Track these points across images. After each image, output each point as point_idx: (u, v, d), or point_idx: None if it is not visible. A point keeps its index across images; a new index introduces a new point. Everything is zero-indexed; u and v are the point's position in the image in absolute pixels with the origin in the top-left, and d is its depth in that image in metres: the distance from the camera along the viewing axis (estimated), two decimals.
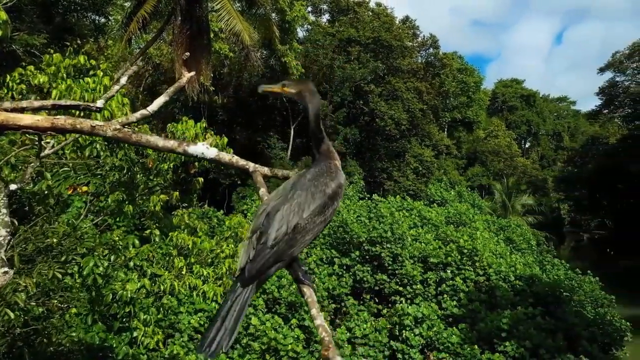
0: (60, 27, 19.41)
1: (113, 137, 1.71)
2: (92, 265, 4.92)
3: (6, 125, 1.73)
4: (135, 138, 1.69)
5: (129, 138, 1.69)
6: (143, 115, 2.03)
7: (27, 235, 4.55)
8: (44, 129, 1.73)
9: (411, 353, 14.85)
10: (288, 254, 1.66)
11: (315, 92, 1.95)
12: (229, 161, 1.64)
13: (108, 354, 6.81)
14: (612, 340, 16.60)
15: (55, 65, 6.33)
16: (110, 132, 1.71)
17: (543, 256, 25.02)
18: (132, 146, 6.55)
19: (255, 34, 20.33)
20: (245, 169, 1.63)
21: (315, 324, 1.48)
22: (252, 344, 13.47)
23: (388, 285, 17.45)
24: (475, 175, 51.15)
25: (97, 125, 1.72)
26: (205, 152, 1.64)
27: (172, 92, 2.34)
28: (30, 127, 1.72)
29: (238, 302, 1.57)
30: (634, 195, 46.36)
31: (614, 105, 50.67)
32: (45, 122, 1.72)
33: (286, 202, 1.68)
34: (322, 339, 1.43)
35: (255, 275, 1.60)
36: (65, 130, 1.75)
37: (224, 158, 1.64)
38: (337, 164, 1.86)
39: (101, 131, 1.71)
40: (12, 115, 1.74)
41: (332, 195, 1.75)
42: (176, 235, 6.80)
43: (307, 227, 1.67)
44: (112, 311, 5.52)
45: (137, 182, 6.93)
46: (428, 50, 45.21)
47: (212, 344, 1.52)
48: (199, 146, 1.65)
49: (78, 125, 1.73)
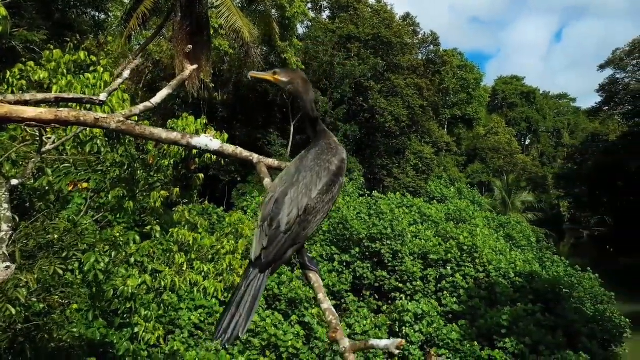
0: (59, 23, 19.37)
1: (117, 129, 1.71)
2: (93, 261, 4.93)
3: (10, 118, 1.72)
4: (138, 130, 1.68)
5: (132, 130, 1.69)
6: (146, 108, 2.03)
7: (28, 231, 4.55)
8: (47, 122, 1.73)
9: (411, 349, 14.87)
10: (302, 236, 1.66)
11: (307, 80, 1.94)
12: (233, 152, 1.64)
13: (109, 350, 6.82)
14: (611, 337, 16.62)
15: (55, 61, 6.33)
16: (114, 124, 1.70)
17: (543, 253, 25.06)
18: (133, 142, 6.56)
19: (256, 31, 20.29)
20: (249, 160, 1.63)
21: (323, 308, 1.49)
22: (252, 340, 13.48)
23: (388, 281, 17.46)
24: (475, 172, 51.16)
25: (101, 118, 1.71)
26: (209, 143, 1.64)
27: (175, 85, 2.34)
28: (34, 120, 1.72)
29: (252, 288, 1.57)
30: (634, 193, 46.37)
31: (614, 102, 50.61)
32: (49, 114, 1.72)
33: (293, 186, 1.68)
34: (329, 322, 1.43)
35: (271, 261, 1.61)
36: (68, 123, 1.74)
37: (228, 149, 1.64)
38: (335, 140, 1.87)
39: (105, 123, 1.71)
40: (15, 107, 1.74)
41: (336, 171, 1.76)
42: (177, 231, 6.80)
43: (317, 207, 1.67)
44: (113, 307, 5.53)
45: (138, 178, 6.93)
46: (428, 47, 45.16)
47: (227, 331, 1.51)
48: (203, 138, 1.65)
49: (82, 117, 1.72)
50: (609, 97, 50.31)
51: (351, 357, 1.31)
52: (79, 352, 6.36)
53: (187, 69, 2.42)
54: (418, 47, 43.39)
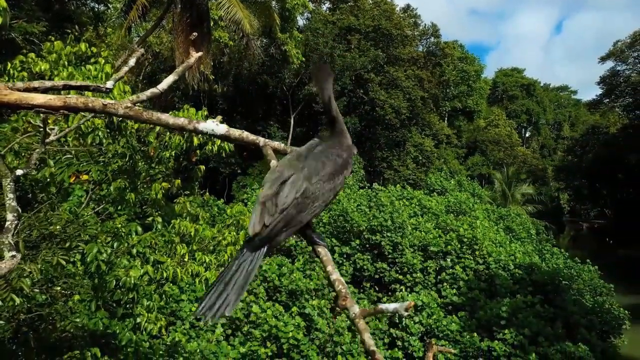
0: (59, 15, 19.27)
1: (124, 115, 1.73)
2: (96, 252, 4.96)
3: (19, 105, 1.74)
4: (146, 116, 1.70)
5: (140, 116, 1.71)
6: (153, 94, 2.04)
7: (31, 221, 4.57)
8: (56, 108, 1.75)
9: (411, 340, 14.97)
10: (297, 219, 1.63)
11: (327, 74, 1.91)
12: (239, 136, 1.65)
13: (111, 340, 6.86)
14: (610, 329, 16.72)
15: (56, 52, 6.33)
16: (122, 110, 1.72)
17: (542, 245, 25.14)
18: (134, 134, 6.57)
19: (256, 22, 20.22)
20: (256, 143, 1.64)
21: (332, 279, 1.50)
22: (253, 331, 13.56)
23: (388, 273, 17.53)
24: (475, 164, 51.17)
25: (109, 104, 1.73)
26: (215, 128, 1.66)
27: (180, 72, 2.36)
28: (43, 106, 1.74)
29: (244, 267, 1.53)
30: (633, 185, 46.41)
31: (615, 94, 50.50)
32: (58, 101, 1.74)
33: (297, 170, 1.68)
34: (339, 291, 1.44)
35: (264, 240, 1.58)
36: (77, 109, 1.76)
37: (234, 134, 1.65)
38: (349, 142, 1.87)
39: (112, 109, 1.72)
40: (25, 94, 1.76)
41: (342, 164, 1.76)
42: (178, 222, 6.83)
43: (315, 192, 1.66)
44: (116, 297, 5.57)
45: (139, 170, 6.95)
46: (429, 39, 45.02)
47: (213, 308, 1.45)
48: (209, 123, 1.67)
49: (90, 104, 1.74)
50: (610, 90, 50.21)
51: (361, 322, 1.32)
52: (81, 342, 6.41)
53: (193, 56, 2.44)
54: (419, 39, 43.26)
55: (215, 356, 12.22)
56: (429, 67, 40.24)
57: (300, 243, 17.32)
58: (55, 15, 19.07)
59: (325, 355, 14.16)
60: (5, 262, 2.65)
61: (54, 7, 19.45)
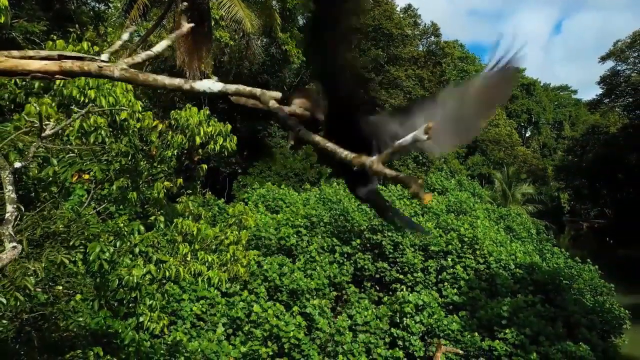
0: (59, 14, 19.27)
1: (120, 77, 1.73)
2: (99, 251, 4.95)
3: (15, 71, 1.76)
4: (142, 77, 1.70)
5: (136, 78, 1.71)
6: (148, 56, 2.06)
7: (34, 220, 4.57)
8: (52, 73, 1.76)
9: (412, 340, 14.97)
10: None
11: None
12: (236, 90, 1.64)
13: (113, 340, 6.86)
14: (611, 328, 16.74)
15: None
16: (118, 72, 1.73)
17: (543, 245, 25.12)
18: (136, 133, 6.57)
19: (257, 22, 20.21)
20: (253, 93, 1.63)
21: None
22: (254, 331, 13.57)
23: (389, 273, 17.53)
24: (476, 164, 51.14)
25: (105, 66, 1.73)
26: (212, 86, 1.65)
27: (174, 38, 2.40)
28: (39, 72, 1.75)
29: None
30: (633, 185, 46.40)
31: (615, 94, 50.47)
32: (54, 66, 1.76)
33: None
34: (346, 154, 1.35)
35: None
36: (73, 74, 1.77)
37: (230, 88, 1.65)
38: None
39: (108, 72, 1.73)
40: (22, 61, 1.78)
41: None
42: (181, 221, 6.83)
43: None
44: (119, 296, 5.57)
45: (141, 169, 6.95)
46: (429, 38, 45.01)
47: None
48: (205, 82, 1.67)
49: (85, 67, 1.75)
50: (610, 89, 50.18)
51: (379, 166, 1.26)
52: (84, 341, 6.41)
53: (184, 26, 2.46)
54: (419, 39, 43.26)
55: (216, 355, 12.23)
56: (429, 66, 40.23)
57: (300, 243, 17.32)
58: (55, 14, 19.06)
59: (326, 354, 14.17)
60: (7, 252, 2.65)
61: (55, 7, 19.44)
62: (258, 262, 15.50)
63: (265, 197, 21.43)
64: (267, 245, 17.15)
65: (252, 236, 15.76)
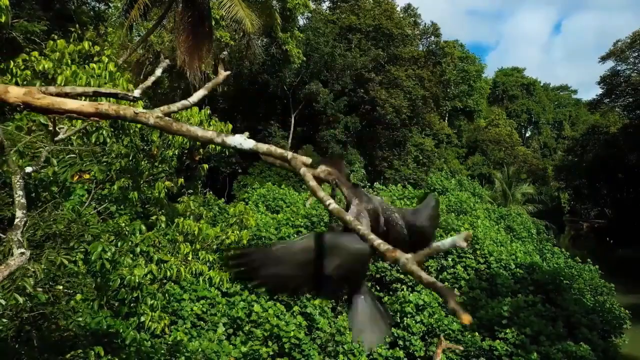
0: (60, 14, 19.26)
1: (155, 125, 1.75)
2: (100, 251, 4.95)
3: (51, 109, 1.77)
4: (175, 127, 1.72)
5: (170, 127, 1.72)
6: (184, 106, 2.09)
7: (35, 220, 4.57)
8: (88, 115, 1.77)
9: (412, 340, 14.96)
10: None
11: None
12: (267, 150, 1.67)
13: (113, 339, 6.86)
14: (611, 328, 16.73)
15: (59, 51, 6.31)
16: (153, 120, 1.74)
17: (543, 245, 25.14)
18: (137, 133, 6.56)
19: (257, 21, 20.21)
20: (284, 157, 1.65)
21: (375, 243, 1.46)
22: (254, 330, 13.56)
23: (389, 272, 17.51)
24: (476, 164, 51.15)
25: (140, 113, 1.75)
26: (243, 143, 1.68)
27: (210, 87, 2.42)
28: (75, 112, 1.76)
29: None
30: (634, 185, 46.40)
31: (615, 94, 50.43)
32: (90, 107, 1.76)
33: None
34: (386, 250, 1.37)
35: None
36: (109, 117, 1.79)
37: (262, 148, 1.67)
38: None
39: (144, 118, 1.74)
40: (57, 99, 1.79)
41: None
42: (182, 221, 6.83)
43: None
44: (120, 296, 5.56)
45: (142, 168, 6.95)
46: (429, 38, 44.99)
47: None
48: (237, 137, 1.69)
49: (121, 111, 1.76)
50: (610, 90, 50.13)
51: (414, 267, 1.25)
52: (84, 341, 6.40)
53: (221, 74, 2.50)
54: (419, 39, 43.25)
55: (216, 355, 12.21)
56: (429, 66, 40.23)
57: None
58: (56, 14, 19.05)
59: (326, 354, 14.16)
60: (15, 259, 2.64)
61: (55, 6, 19.43)
62: None
63: (265, 197, 21.43)
64: (267, 245, 17.13)
65: (252, 236, 15.75)
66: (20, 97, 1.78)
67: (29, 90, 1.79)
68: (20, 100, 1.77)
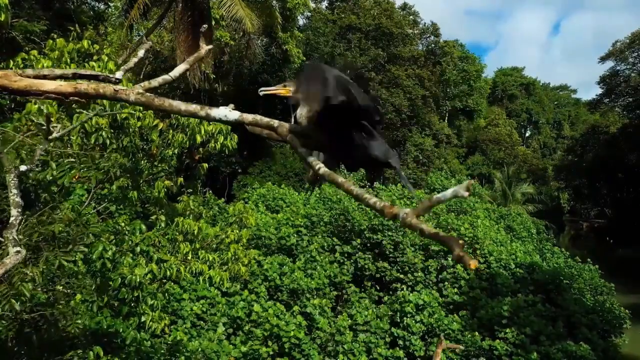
0: (59, 13, 19.24)
1: (136, 101, 1.71)
2: (101, 250, 4.93)
3: (29, 91, 1.74)
4: (157, 102, 1.68)
5: (151, 102, 1.69)
6: (165, 81, 2.04)
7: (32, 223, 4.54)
8: (67, 94, 1.74)
9: (412, 340, 14.96)
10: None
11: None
12: (253, 120, 1.63)
13: (113, 339, 6.84)
14: (611, 328, 16.73)
15: (59, 50, 6.30)
16: (133, 96, 1.70)
17: (543, 244, 25.11)
18: (137, 132, 6.54)
19: (257, 21, 20.20)
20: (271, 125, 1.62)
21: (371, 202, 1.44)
22: (254, 330, 13.55)
23: (389, 272, 17.50)
24: (476, 163, 51.15)
25: (120, 90, 1.71)
26: (228, 114, 1.64)
27: (192, 61, 2.37)
28: (54, 92, 1.73)
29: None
30: (634, 185, 46.41)
31: (615, 94, 50.44)
32: (69, 87, 1.73)
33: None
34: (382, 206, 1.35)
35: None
36: (88, 96, 1.75)
37: (247, 118, 1.63)
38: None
39: (124, 95, 1.71)
40: (35, 81, 1.76)
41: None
42: (182, 221, 6.81)
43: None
44: (121, 296, 5.54)
45: (141, 168, 6.93)
46: (429, 37, 44.98)
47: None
48: (221, 109, 1.65)
49: (101, 90, 1.73)
50: (610, 90, 50.14)
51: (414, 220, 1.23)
52: (84, 341, 6.38)
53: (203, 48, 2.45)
54: (418, 38, 43.24)
55: (216, 355, 12.21)
56: (429, 66, 40.21)
57: (300, 242, 17.30)
58: (55, 13, 19.03)
59: (326, 354, 14.16)
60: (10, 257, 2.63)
61: (55, 6, 19.41)
62: (258, 262, 15.48)
63: (265, 196, 21.41)
64: (267, 245, 17.12)
65: (252, 236, 15.73)
66: None
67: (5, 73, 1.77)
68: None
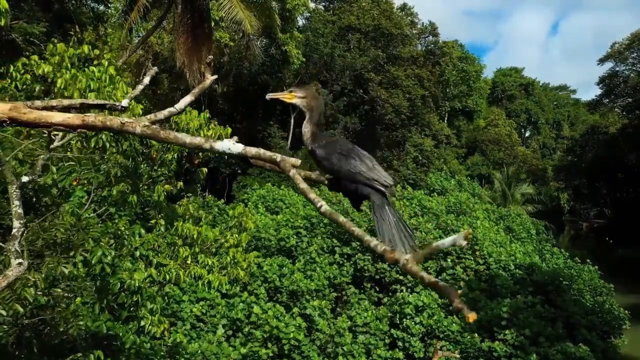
0: (59, 15, 19.23)
1: (142, 133, 1.74)
2: (100, 254, 4.95)
3: (39, 123, 1.76)
4: (163, 135, 1.71)
5: (157, 135, 1.71)
6: (171, 113, 2.06)
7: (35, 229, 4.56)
8: (75, 127, 1.76)
9: (412, 341, 14.97)
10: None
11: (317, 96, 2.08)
12: (256, 154, 1.66)
13: (113, 342, 6.86)
14: (610, 329, 16.74)
15: (59, 54, 6.32)
16: (140, 129, 1.73)
17: (542, 245, 25.16)
18: (137, 136, 6.56)
19: (256, 22, 20.22)
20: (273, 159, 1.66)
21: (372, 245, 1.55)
22: (254, 332, 13.56)
23: (389, 274, 17.50)
24: (475, 164, 51.18)
25: (127, 122, 1.74)
26: (232, 147, 1.67)
27: (197, 93, 2.40)
28: (62, 125, 1.75)
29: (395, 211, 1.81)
30: (633, 185, 46.44)
31: (614, 94, 50.48)
32: (76, 119, 1.75)
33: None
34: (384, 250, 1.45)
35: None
36: (95, 128, 1.78)
37: (250, 152, 1.67)
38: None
39: (130, 128, 1.73)
40: (44, 113, 1.78)
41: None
42: (181, 225, 6.83)
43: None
44: (120, 300, 5.56)
45: (141, 172, 6.95)
46: (427, 37, 45.00)
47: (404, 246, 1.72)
48: (225, 142, 1.68)
49: (108, 122, 1.75)
50: (609, 90, 50.18)
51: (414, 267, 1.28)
52: (84, 345, 6.40)
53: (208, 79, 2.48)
54: (417, 38, 43.27)
55: (216, 357, 12.22)
56: (428, 66, 40.22)
57: (300, 244, 17.32)
58: (55, 15, 19.03)
59: (326, 355, 14.17)
60: (13, 269, 2.65)
61: (54, 7, 19.41)
62: (258, 264, 15.49)
63: (265, 197, 21.44)
64: (267, 247, 17.14)
65: (252, 237, 15.75)
66: (6, 112, 1.78)
67: (15, 105, 1.79)
68: (7, 116, 1.77)
